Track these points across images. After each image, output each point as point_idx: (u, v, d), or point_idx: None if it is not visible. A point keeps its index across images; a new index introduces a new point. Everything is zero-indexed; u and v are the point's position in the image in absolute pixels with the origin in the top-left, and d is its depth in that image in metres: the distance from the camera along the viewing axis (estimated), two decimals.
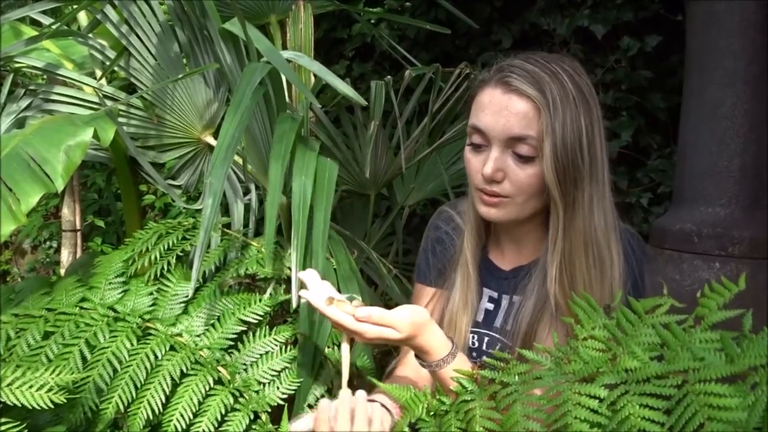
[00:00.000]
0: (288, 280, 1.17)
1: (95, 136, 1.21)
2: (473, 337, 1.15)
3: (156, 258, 1.19)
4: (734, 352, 0.69)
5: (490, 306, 1.15)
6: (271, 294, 1.14)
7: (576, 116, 1.00)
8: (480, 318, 1.15)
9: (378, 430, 0.91)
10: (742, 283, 0.74)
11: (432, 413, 0.91)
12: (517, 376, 0.84)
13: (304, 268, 1.04)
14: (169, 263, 1.18)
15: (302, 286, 0.96)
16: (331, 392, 1.08)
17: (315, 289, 0.94)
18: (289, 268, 1.15)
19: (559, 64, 1.03)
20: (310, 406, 1.06)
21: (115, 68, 1.51)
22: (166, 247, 1.20)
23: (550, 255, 1.04)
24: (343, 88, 1.25)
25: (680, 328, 0.75)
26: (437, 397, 0.92)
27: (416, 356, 0.99)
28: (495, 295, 1.15)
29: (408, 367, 1.12)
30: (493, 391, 0.86)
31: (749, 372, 0.67)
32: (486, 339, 1.14)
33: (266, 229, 1.00)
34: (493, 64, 1.07)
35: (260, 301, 1.12)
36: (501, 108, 1.02)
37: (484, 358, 0.91)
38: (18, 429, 0.86)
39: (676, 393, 0.69)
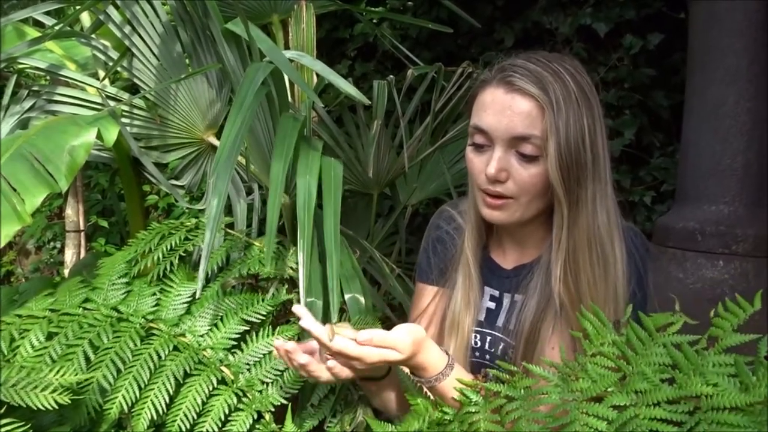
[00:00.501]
0: (290, 280, 1.17)
1: (99, 136, 1.21)
2: (476, 337, 1.15)
3: (159, 258, 1.19)
4: (749, 380, 0.67)
5: (492, 305, 1.15)
6: (273, 294, 1.14)
7: (579, 115, 1.00)
8: (482, 317, 1.15)
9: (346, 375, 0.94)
10: (758, 303, 0.72)
11: (435, 423, 0.90)
12: (522, 390, 0.83)
13: (311, 268, 1.04)
14: (171, 264, 1.18)
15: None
16: (334, 391, 1.08)
17: (310, 321, 0.92)
18: (292, 268, 1.15)
19: (561, 63, 1.03)
20: (313, 406, 1.06)
21: (118, 69, 1.51)
22: (168, 247, 1.20)
23: (555, 254, 1.04)
24: (346, 87, 1.24)
25: (693, 349, 0.73)
26: (439, 408, 0.92)
27: (413, 374, 0.98)
28: (496, 293, 1.15)
29: None
30: (498, 404, 0.84)
31: (764, 402, 0.65)
32: (488, 338, 1.14)
33: (267, 228, 1.00)
34: (494, 64, 1.07)
35: (263, 300, 1.12)
36: (504, 107, 1.01)
37: (489, 370, 0.90)
38: (23, 429, 0.86)
39: (688, 420, 0.67)
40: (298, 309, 0.93)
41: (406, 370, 1.02)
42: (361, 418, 1.05)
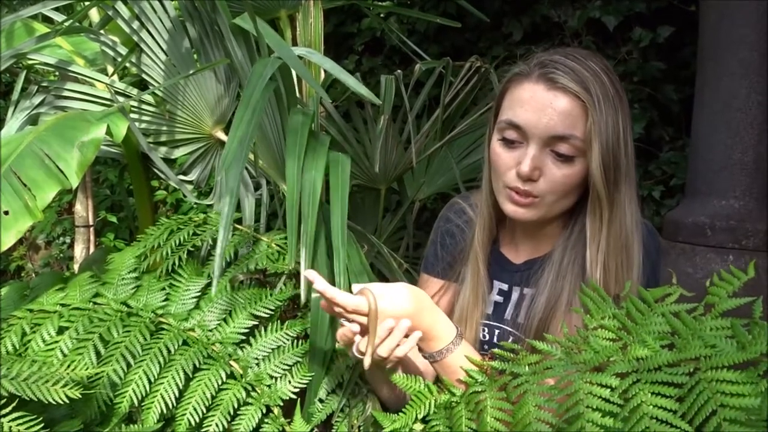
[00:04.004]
0: (298, 275, 1.17)
1: (108, 132, 1.21)
2: (484, 330, 1.15)
3: (167, 254, 1.19)
4: (745, 339, 0.70)
5: (500, 299, 1.15)
6: (281, 289, 1.15)
7: (615, 116, 0.99)
8: (490, 311, 1.15)
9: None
10: (752, 272, 0.74)
11: (443, 407, 0.91)
12: (527, 367, 0.84)
13: (313, 264, 1.04)
14: (180, 259, 1.18)
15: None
16: (342, 386, 1.09)
17: (323, 283, 0.91)
18: (298, 263, 1.15)
19: (595, 62, 1.01)
20: (321, 401, 1.07)
21: (127, 64, 1.52)
22: (177, 242, 1.20)
23: (593, 258, 1.02)
24: (355, 85, 1.24)
25: (690, 316, 0.75)
26: (445, 390, 0.92)
27: (421, 349, 0.98)
28: (505, 287, 1.15)
29: None
30: (503, 382, 0.86)
31: (761, 359, 0.67)
32: (497, 332, 1.14)
33: (288, 223, 1.00)
34: (531, 58, 1.04)
35: (271, 295, 1.12)
36: (544, 105, 0.98)
37: (495, 349, 0.91)
38: (34, 423, 0.87)
39: (688, 381, 0.70)
40: (310, 273, 0.92)
41: (427, 370, 1.02)
42: (369, 412, 1.05)
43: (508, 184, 1.03)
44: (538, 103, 0.99)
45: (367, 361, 0.90)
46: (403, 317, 0.92)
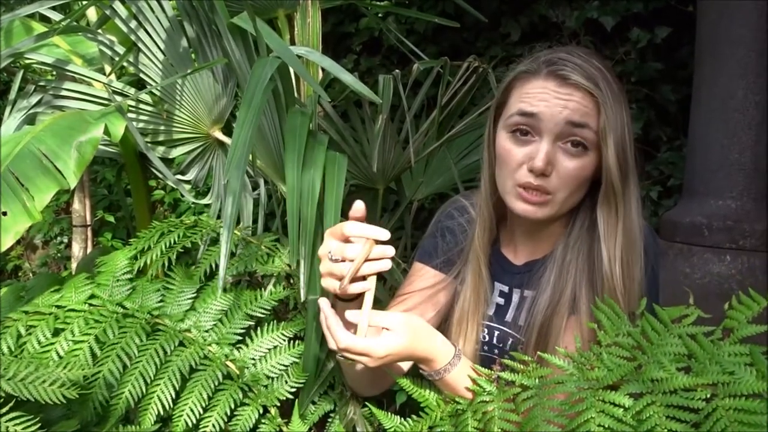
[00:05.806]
0: (288, 277, 1.17)
1: (106, 131, 1.21)
2: (484, 330, 1.14)
3: (157, 255, 1.19)
4: (765, 367, 0.68)
5: (501, 300, 1.14)
6: (271, 291, 1.14)
7: (622, 113, 1.00)
8: (491, 312, 1.14)
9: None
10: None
11: (448, 415, 0.91)
12: (537, 380, 0.83)
13: (312, 262, 1.04)
14: (170, 260, 1.18)
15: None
16: (334, 387, 1.09)
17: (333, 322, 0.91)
18: (289, 265, 1.15)
19: (598, 60, 1.02)
20: (313, 403, 1.07)
21: (125, 64, 1.51)
22: (167, 245, 1.20)
23: (612, 254, 1.02)
24: (354, 83, 1.24)
25: (708, 340, 0.74)
26: (451, 400, 0.92)
27: (422, 369, 0.98)
28: (506, 289, 1.15)
29: None
30: (512, 394, 0.85)
31: None
32: (496, 333, 1.14)
33: (289, 223, 1.00)
34: (537, 57, 1.04)
35: (269, 295, 1.12)
36: (558, 98, 0.99)
37: (504, 360, 0.90)
38: (31, 423, 0.87)
39: (705, 407, 0.68)
40: (324, 304, 0.92)
41: (406, 366, 1.02)
42: (352, 416, 1.05)
43: (518, 181, 1.02)
44: (550, 97, 1.00)
45: (346, 280, 0.88)
46: (398, 353, 0.91)
